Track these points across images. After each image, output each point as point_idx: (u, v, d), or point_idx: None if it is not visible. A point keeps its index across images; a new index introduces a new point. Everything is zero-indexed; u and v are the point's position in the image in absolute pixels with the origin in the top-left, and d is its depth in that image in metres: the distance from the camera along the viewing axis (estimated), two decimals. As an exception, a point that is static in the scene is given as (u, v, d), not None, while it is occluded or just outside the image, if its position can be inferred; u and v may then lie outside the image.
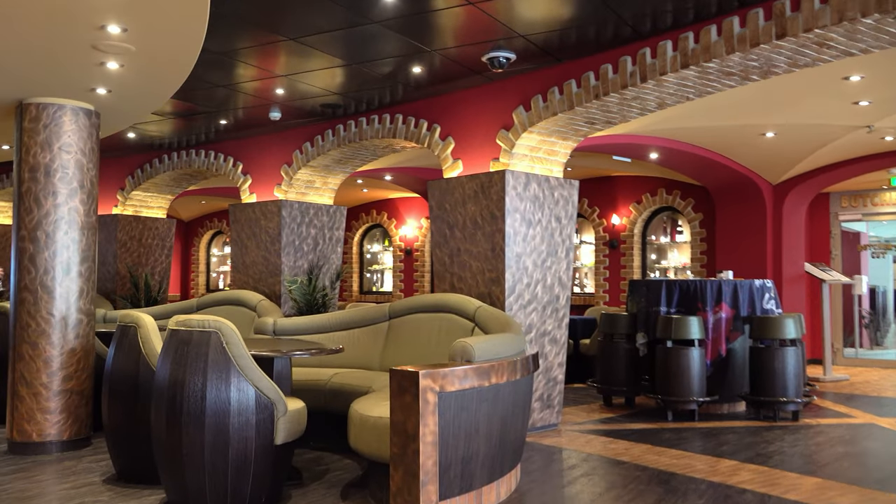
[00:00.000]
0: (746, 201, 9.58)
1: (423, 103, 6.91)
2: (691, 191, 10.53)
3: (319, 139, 7.91)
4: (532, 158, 6.23)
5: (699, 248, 10.49)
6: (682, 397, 6.73)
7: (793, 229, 9.66)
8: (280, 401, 4.00)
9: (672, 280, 7.35)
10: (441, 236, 6.54)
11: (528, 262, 6.12)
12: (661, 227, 11.33)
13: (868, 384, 9.23)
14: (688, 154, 8.41)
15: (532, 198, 6.14)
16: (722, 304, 7.08)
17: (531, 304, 6.14)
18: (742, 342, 7.13)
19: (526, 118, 5.97)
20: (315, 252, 8.46)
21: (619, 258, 11.32)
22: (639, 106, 5.63)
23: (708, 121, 7.10)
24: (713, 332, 7.06)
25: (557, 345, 6.39)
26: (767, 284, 7.33)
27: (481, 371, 3.82)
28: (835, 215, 11.85)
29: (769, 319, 6.85)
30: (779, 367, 6.67)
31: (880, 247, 11.89)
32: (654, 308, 7.30)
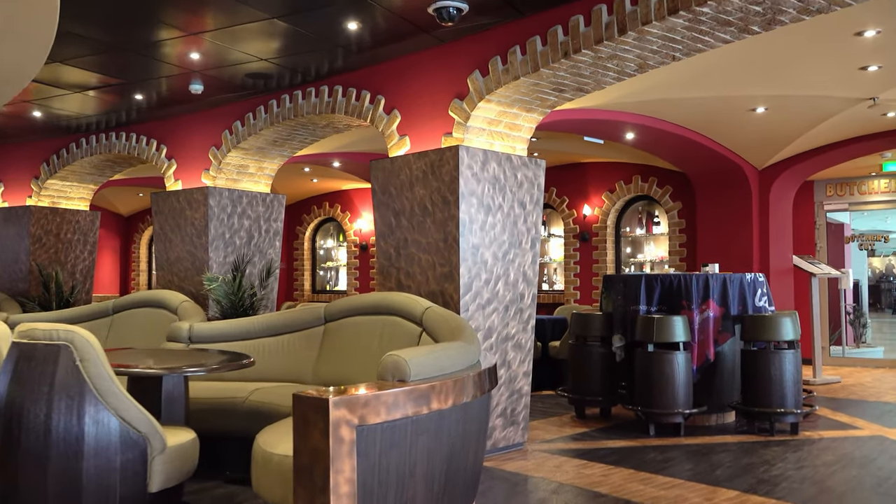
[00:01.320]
0: (730, 188, 8.82)
1: (365, 72, 6.02)
2: (669, 177, 9.76)
3: (251, 117, 6.98)
4: (491, 133, 5.36)
5: (678, 240, 9.72)
6: (666, 409, 5.93)
7: (780, 219, 8.93)
8: (156, 434, 3.07)
9: (652, 275, 6.53)
10: (385, 225, 5.64)
11: (487, 255, 5.25)
12: (636, 217, 10.55)
13: (862, 387, 8.54)
14: (667, 134, 7.62)
15: (491, 179, 5.27)
16: (709, 301, 6.29)
17: (491, 304, 5.27)
18: (732, 345, 6.34)
19: (483, 84, 5.10)
20: (249, 246, 7.51)
21: (591, 252, 10.53)
22: (616, 68, 4.79)
23: (693, 91, 6.29)
24: (700, 333, 6.26)
25: (522, 351, 5.54)
26: (759, 279, 6.55)
27: (418, 394, 2.93)
28: (820, 205, 11.21)
29: (763, 319, 6.07)
30: (775, 374, 5.89)
31: (868, 238, 11.25)
32: (632, 307, 6.48)
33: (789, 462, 5.03)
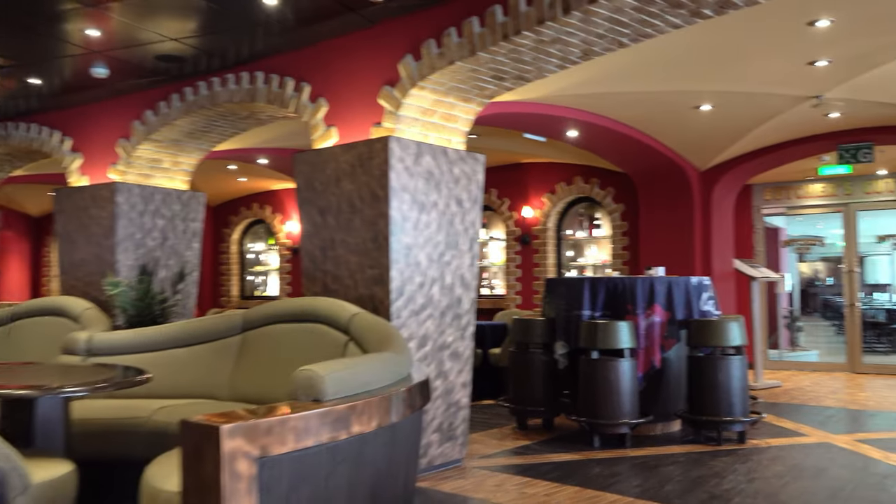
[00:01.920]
0: (673, 190, 8.65)
1: (288, 57, 5.56)
2: (611, 178, 9.55)
3: (163, 105, 6.43)
4: (425, 124, 4.97)
5: (620, 242, 9.51)
6: (611, 419, 5.63)
7: (722, 222, 8.80)
8: (15, 471, 2.55)
9: (596, 278, 6.24)
10: (310, 224, 5.19)
11: (422, 257, 4.85)
12: (577, 219, 10.32)
13: (802, 391, 8.46)
14: (609, 132, 7.37)
15: (425, 174, 4.87)
16: (655, 305, 6.03)
17: (426, 310, 4.87)
18: (678, 351, 6.10)
19: (416, 70, 4.71)
20: (163, 248, 6.93)
21: (532, 255, 10.24)
22: (559, 54, 4.46)
23: (638, 84, 6.04)
24: (646, 339, 5.99)
25: (460, 360, 5.15)
26: (705, 282, 6.33)
27: (336, 416, 2.51)
28: (757, 209, 11.21)
29: (710, 323, 5.84)
30: (722, 380, 5.65)
31: (805, 242, 11.29)
32: (575, 312, 6.18)
33: (740, 474, 4.78)
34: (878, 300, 16.69)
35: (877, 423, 6.46)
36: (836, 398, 7.89)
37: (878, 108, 6.65)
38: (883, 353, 12.75)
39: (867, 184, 10.33)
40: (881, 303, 15.66)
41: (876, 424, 6.43)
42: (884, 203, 10.31)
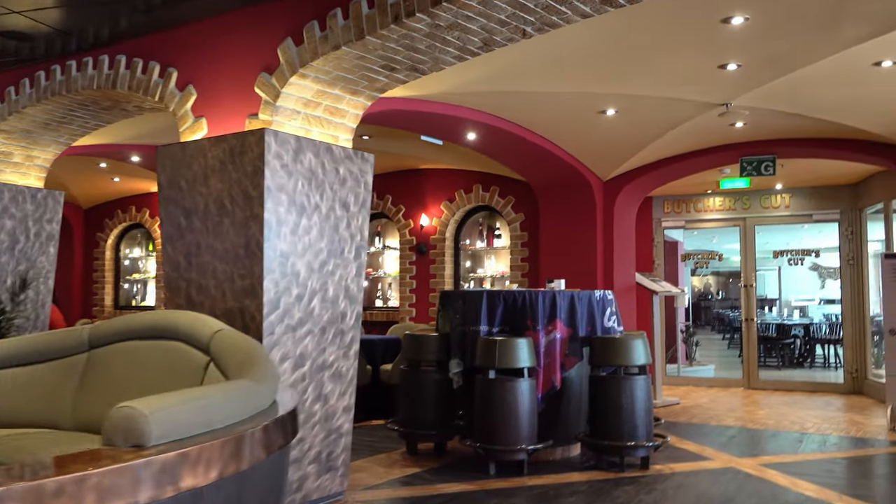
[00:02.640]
0: (574, 200, 8.45)
1: (154, 38, 4.98)
2: (511, 187, 9.28)
3: (12, 92, 5.69)
4: (307, 118, 4.48)
5: (520, 254, 9.26)
6: (508, 444, 5.27)
7: (624, 234, 8.67)
8: None
9: (495, 291, 5.90)
10: (173, 227, 4.59)
11: (300, 266, 4.35)
12: (476, 229, 10.01)
13: (701, 408, 8.41)
14: (510, 137, 7.07)
15: (307, 173, 4.38)
16: (556, 321, 5.73)
17: (304, 326, 4.37)
18: (580, 369, 5.82)
19: (296, 55, 4.22)
20: (12, 253, 6.13)
21: (429, 266, 9.85)
22: (457, 42, 4.07)
23: (541, 83, 5.74)
24: (546, 357, 5.68)
25: (343, 381, 4.66)
26: (608, 297, 6.09)
27: (160, 467, 1.99)
28: (658, 221, 11.24)
29: (613, 341, 5.58)
30: (626, 402, 5.40)
31: (704, 256, 11.40)
32: (471, 327, 5.81)
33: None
34: (769, 315, 17.29)
35: (779, 445, 6.39)
36: (735, 416, 7.85)
37: (782, 118, 6.62)
38: (775, 368, 13.08)
39: (764, 198, 10.51)
40: (772, 318, 16.19)
41: (778, 446, 6.35)
42: (780, 218, 10.52)
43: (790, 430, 7.01)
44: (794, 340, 14.24)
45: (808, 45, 4.86)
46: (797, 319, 15.99)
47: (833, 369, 13.01)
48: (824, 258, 11.55)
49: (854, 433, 6.89)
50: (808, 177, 9.60)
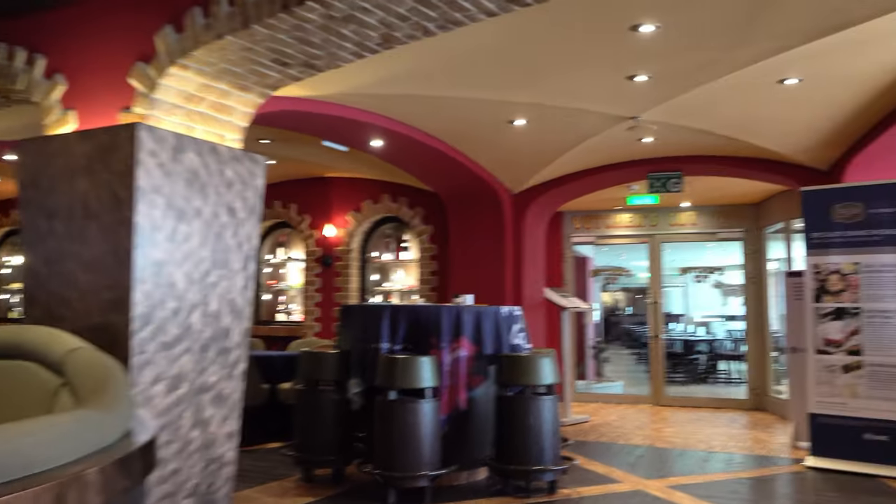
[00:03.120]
0: (484, 212, 8.25)
1: (21, 23, 4.50)
2: (421, 198, 9.02)
3: None
4: (190, 114, 4.08)
5: (429, 267, 8.98)
6: (410, 470, 4.95)
7: (534, 249, 8.52)
8: None
9: (397, 306, 5.59)
10: (34, 232, 4.09)
11: (178, 276, 3.92)
12: (384, 241, 9.68)
13: (610, 427, 8.31)
14: (418, 145, 6.80)
15: (188, 174, 3.97)
16: (462, 338, 5.46)
17: (181, 343, 3.94)
18: (486, 389, 5.56)
19: (176, 44, 3.82)
20: None
21: (334, 278, 9.46)
22: (354, 36, 3.76)
23: (449, 88, 5.49)
24: (450, 376, 5.40)
25: (226, 405, 4.25)
26: (516, 313, 5.88)
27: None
28: (568, 237, 11.20)
29: (520, 360, 5.36)
30: (533, 424, 5.17)
31: (613, 272, 11.42)
32: (372, 344, 5.48)
33: (550, 535, 4.26)
34: (675, 331, 17.62)
35: (686, 465, 6.31)
36: (643, 435, 7.78)
37: (688, 134, 6.60)
38: (681, 384, 13.23)
39: (672, 216, 10.60)
40: (678, 334, 16.48)
41: (685, 466, 6.26)
42: (687, 236, 10.63)
43: (697, 449, 6.96)
44: (699, 356, 14.49)
45: (717, 58, 4.79)
46: (702, 335, 16.31)
47: (736, 385, 13.28)
48: (728, 276, 11.77)
49: (759, 451, 6.89)
50: (713, 195, 9.72)
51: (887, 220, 5.93)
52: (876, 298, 5.96)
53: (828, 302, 6.20)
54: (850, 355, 6.06)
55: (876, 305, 5.96)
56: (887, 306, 5.90)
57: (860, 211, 6.07)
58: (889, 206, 5.93)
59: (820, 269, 6.25)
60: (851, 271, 6.10)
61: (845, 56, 4.73)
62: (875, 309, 5.96)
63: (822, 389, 6.19)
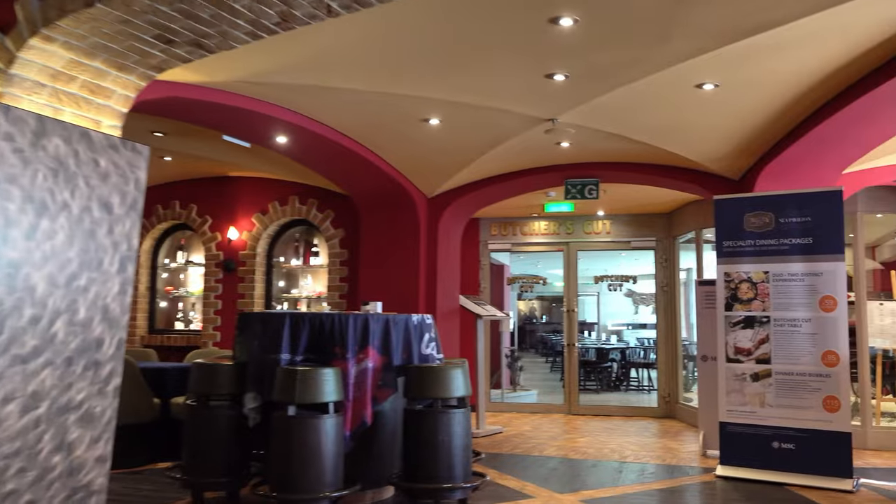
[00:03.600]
0: (397, 217, 7.91)
1: None
2: (331, 200, 8.60)
3: None
4: (58, 95, 3.59)
5: (339, 273, 8.57)
6: (309, 492, 4.55)
7: (449, 255, 8.24)
8: None
9: (299, 314, 5.17)
10: None
11: (38, 279, 3.42)
12: (292, 245, 9.21)
13: (524, 438, 8.09)
14: (326, 143, 6.41)
15: (52, 162, 3.47)
16: (368, 348, 5.10)
17: (41, 356, 3.43)
18: (394, 402, 5.21)
19: (38, 11, 3.33)
20: None
21: (237, 284, 8.92)
22: (249, 14, 3.37)
23: (358, 79, 5.13)
24: (356, 389, 5.02)
25: (97, 425, 3.74)
26: (427, 321, 5.55)
27: None
28: (484, 244, 10.99)
29: (430, 371, 5.03)
30: (442, 439, 4.85)
31: (529, 280, 11.27)
32: (271, 355, 5.05)
33: (458, 561, 3.94)
34: (588, 339, 17.72)
35: (599, 477, 6.12)
36: (557, 445, 7.58)
37: (605, 139, 6.45)
38: (594, 392, 13.23)
39: (587, 224, 10.53)
40: (592, 342, 16.57)
41: (598, 478, 6.07)
42: (601, 244, 10.57)
43: (610, 460, 6.80)
44: (612, 364, 14.56)
45: (636, 57, 4.62)
46: (615, 343, 16.43)
47: (647, 392, 13.37)
48: (641, 285, 11.80)
49: (670, 460, 6.79)
50: (628, 204, 9.69)
51: (796, 230, 5.91)
52: (784, 307, 5.93)
53: (738, 310, 6.14)
54: (759, 364, 6.01)
55: (784, 314, 5.92)
56: (795, 315, 5.88)
57: (770, 220, 6.03)
58: (798, 215, 5.91)
59: (731, 278, 6.19)
60: (761, 280, 6.05)
61: (761, 61, 4.64)
62: (784, 317, 5.92)
63: (732, 398, 6.12)
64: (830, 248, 5.76)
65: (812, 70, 4.82)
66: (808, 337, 5.80)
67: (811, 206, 5.84)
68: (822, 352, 5.74)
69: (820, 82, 5.01)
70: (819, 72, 4.81)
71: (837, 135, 5.68)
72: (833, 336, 5.70)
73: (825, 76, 4.88)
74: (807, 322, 5.81)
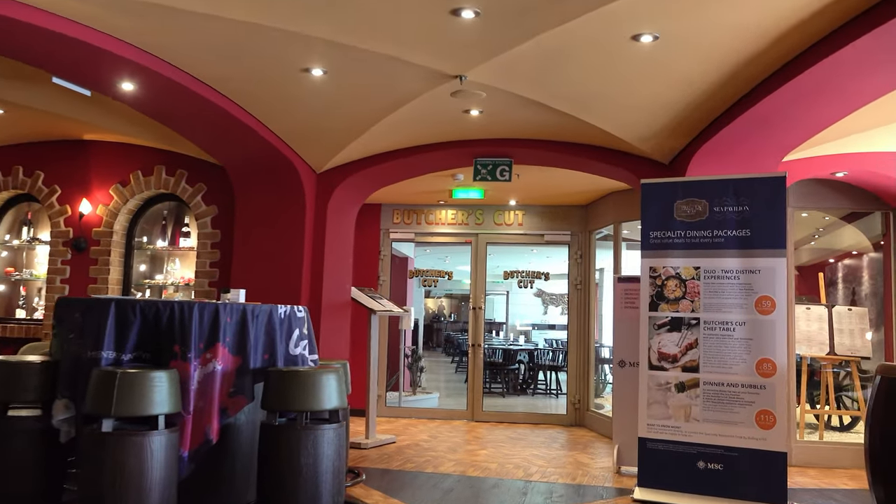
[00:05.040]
0: (279, 193, 6.84)
1: None
2: (204, 172, 7.44)
3: None
4: None
5: (210, 257, 7.43)
6: (124, 532, 3.49)
7: (340, 240, 7.21)
8: None
9: (129, 301, 4.09)
10: None
11: None
12: (159, 224, 7.98)
13: (419, 449, 7.18)
14: (187, 96, 5.28)
15: None
16: (218, 346, 4.07)
17: None
18: (252, 414, 4.21)
19: None
20: None
21: (89, 267, 7.65)
22: None
23: (225, 6, 4.04)
24: (199, 398, 4.00)
25: None
26: (298, 314, 4.57)
27: None
28: (386, 232, 10.03)
29: (295, 377, 4.05)
30: (306, 462, 3.89)
31: (432, 274, 10.38)
32: (90, 353, 3.97)
33: None
34: (496, 340, 17.00)
35: (501, 499, 5.26)
36: (456, 460, 6.70)
37: (520, 107, 5.58)
38: (499, 395, 12.48)
39: (498, 214, 9.73)
40: (499, 342, 15.84)
41: (500, 502, 5.21)
42: (513, 237, 9.78)
43: (514, 478, 5.96)
44: (519, 366, 13.87)
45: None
46: (523, 344, 15.76)
47: (555, 397, 12.71)
48: (553, 283, 11.11)
49: (580, 479, 6.01)
50: (542, 193, 8.93)
51: (732, 220, 5.21)
52: (716, 308, 5.22)
53: (664, 310, 5.40)
54: (685, 372, 5.28)
55: (716, 316, 5.21)
56: (728, 316, 5.17)
57: (704, 208, 5.31)
58: (734, 203, 5.21)
59: (657, 273, 5.44)
60: (691, 276, 5.33)
61: (710, 6, 3.85)
62: (715, 320, 5.21)
63: (654, 410, 5.37)
64: (770, 241, 5.07)
65: (765, 28, 4.09)
66: (742, 342, 5.10)
67: (750, 193, 5.14)
68: (756, 360, 5.05)
69: (771, 44, 4.28)
70: (774, 29, 4.07)
71: (781, 114, 4.99)
72: (770, 342, 5.02)
73: (779, 35, 4.15)
74: (741, 326, 5.11)
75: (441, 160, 6.94)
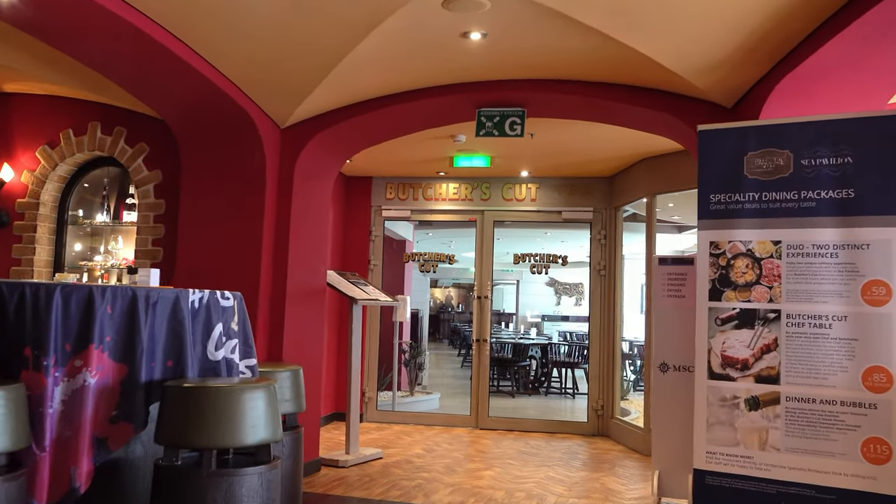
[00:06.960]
0: (234, 153, 5.50)
1: None
2: (146, 129, 6.11)
3: None
4: None
5: (153, 233, 6.11)
6: None
7: (311, 212, 5.87)
8: None
9: (-45, 281, 2.77)
10: None
11: None
12: (100, 195, 6.67)
13: (410, 467, 5.90)
14: (96, 12, 3.94)
15: None
16: (91, 349, 2.76)
17: None
18: (146, 448, 2.89)
19: None
20: None
21: (12, 246, 6.36)
22: None
23: None
24: (60, 426, 2.70)
25: None
26: (223, 302, 3.25)
27: None
28: (377, 210, 8.75)
29: (202, 396, 2.74)
30: (214, 528, 2.57)
31: (432, 257, 9.06)
32: None
33: None
34: (505, 333, 15.68)
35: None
36: (453, 484, 5.40)
37: (537, 26, 4.21)
38: (508, 395, 11.21)
39: (507, 188, 8.40)
40: (508, 335, 14.52)
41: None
42: (525, 214, 8.44)
43: (527, 515, 4.68)
44: (531, 362, 12.57)
45: None
46: (535, 338, 14.45)
47: (571, 398, 11.40)
48: (569, 270, 9.78)
49: (612, 515, 4.71)
50: (560, 161, 7.59)
51: (826, 177, 3.85)
52: (805, 296, 3.86)
53: (730, 300, 4.05)
54: (760, 383, 3.93)
55: (804, 307, 3.86)
56: (821, 308, 3.81)
57: (787, 162, 3.95)
58: (830, 154, 3.86)
59: (721, 250, 4.10)
60: (769, 254, 3.97)
61: None
62: (803, 312, 3.86)
63: (716, 433, 4.04)
64: (884, 206, 3.70)
65: None
66: (842, 344, 3.74)
67: (856, 140, 3.77)
68: (863, 368, 3.69)
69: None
70: None
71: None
72: (883, 344, 3.65)
73: None
74: (840, 321, 3.75)
75: (436, 111, 5.59)
